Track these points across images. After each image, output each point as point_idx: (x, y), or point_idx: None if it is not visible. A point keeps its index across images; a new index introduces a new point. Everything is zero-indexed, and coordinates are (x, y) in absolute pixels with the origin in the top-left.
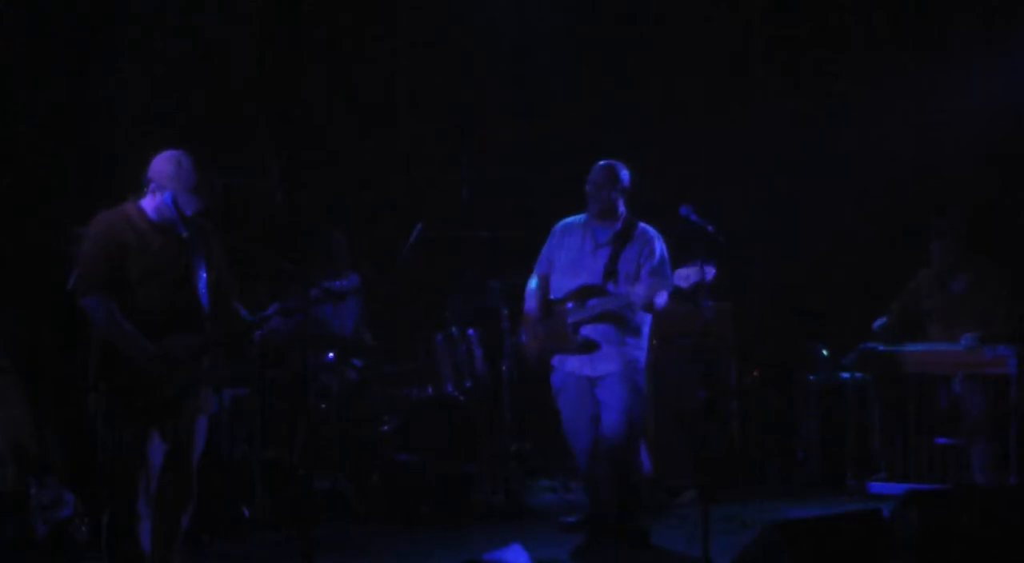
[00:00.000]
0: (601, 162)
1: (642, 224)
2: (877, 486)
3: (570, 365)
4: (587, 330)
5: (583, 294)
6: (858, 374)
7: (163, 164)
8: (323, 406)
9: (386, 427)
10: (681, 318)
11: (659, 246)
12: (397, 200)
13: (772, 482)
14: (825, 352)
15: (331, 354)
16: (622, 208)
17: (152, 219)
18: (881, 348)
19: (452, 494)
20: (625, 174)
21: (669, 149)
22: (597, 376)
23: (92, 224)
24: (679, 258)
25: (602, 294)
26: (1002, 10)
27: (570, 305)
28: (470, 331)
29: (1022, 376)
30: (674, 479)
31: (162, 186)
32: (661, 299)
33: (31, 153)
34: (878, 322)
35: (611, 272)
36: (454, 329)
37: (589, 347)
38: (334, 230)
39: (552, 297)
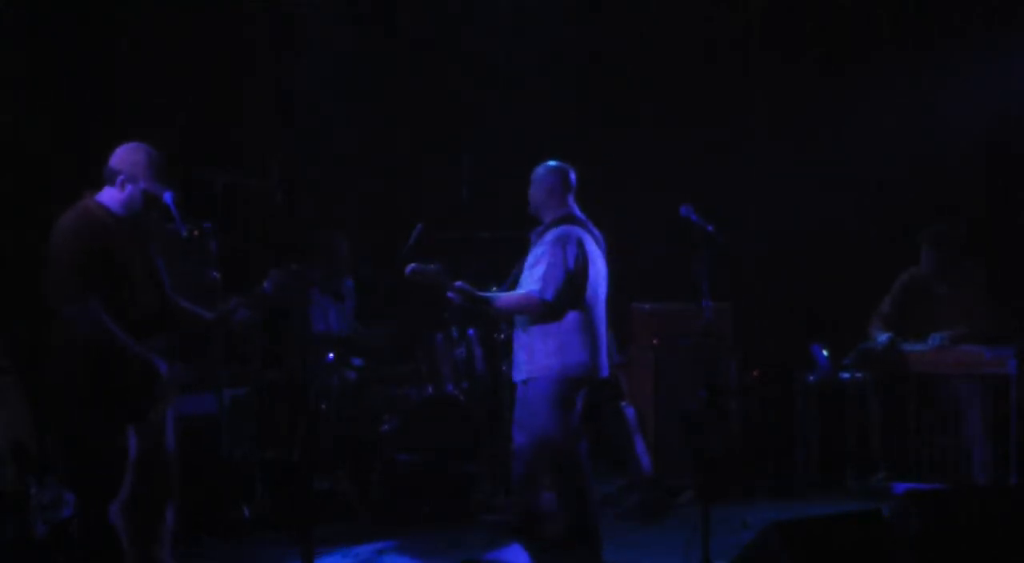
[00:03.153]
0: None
1: (562, 227)
2: (877, 486)
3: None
4: (514, 337)
5: None
6: (858, 374)
7: (132, 153)
8: (323, 406)
9: (386, 427)
10: (681, 318)
11: (551, 249)
12: (397, 200)
13: (772, 482)
14: (825, 352)
15: (331, 354)
16: (556, 210)
17: (118, 215)
18: (881, 348)
19: (452, 494)
20: (540, 171)
21: (669, 149)
22: (518, 382)
23: (60, 228)
24: (681, 259)
25: None
26: (1002, 11)
27: None
28: (470, 331)
29: (1022, 376)
30: (674, 479)
31: (133, 176)
32: (502, 303)
33: (31, 153)
34: (884, 337)
35: (508, 279)
36: (454, 329)
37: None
38: (336, 232)
39: None
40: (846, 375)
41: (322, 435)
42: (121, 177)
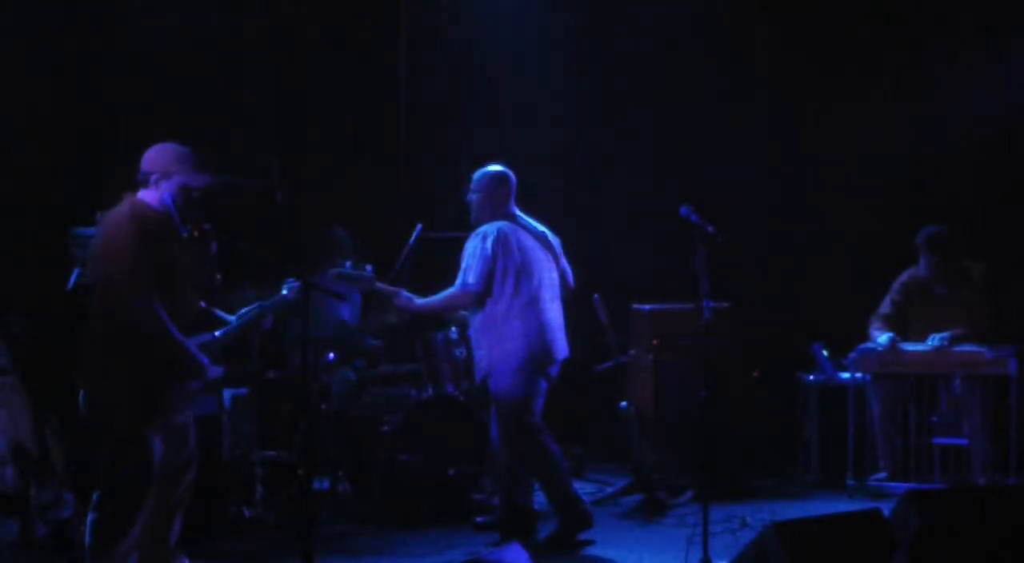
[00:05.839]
0: None
1: (484, 226)
2: (877, 486)
3: None
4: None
5: None
6: (858, 374)
7: (162, 153)
8: (323, 406)
9: (386, 427)
10: (681, 318)
11: (471, 243)
12: (397, 200)
13: (772, 482)
14: (825, 352)
15: (331, 354)
16: (495, 214)
17: (161, 213)
18: (881, 348)
19: (452, 494)
20: (479, 176)
21: (669, 149)
22: (479, 382)
23: (116, 226)
24: (681, 260)
25: None
26: (1003, 10)
27: None
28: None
29: (1022, 376)
30: (674, 479)
31: (167, 173)
32: (436, 304)
33: (31, 154)
34: (884, 337)
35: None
36: (453, 330)
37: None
38: (336, 226)
39: None
40: (846, 375)
41: (322, 435)
42: (155, 176)
